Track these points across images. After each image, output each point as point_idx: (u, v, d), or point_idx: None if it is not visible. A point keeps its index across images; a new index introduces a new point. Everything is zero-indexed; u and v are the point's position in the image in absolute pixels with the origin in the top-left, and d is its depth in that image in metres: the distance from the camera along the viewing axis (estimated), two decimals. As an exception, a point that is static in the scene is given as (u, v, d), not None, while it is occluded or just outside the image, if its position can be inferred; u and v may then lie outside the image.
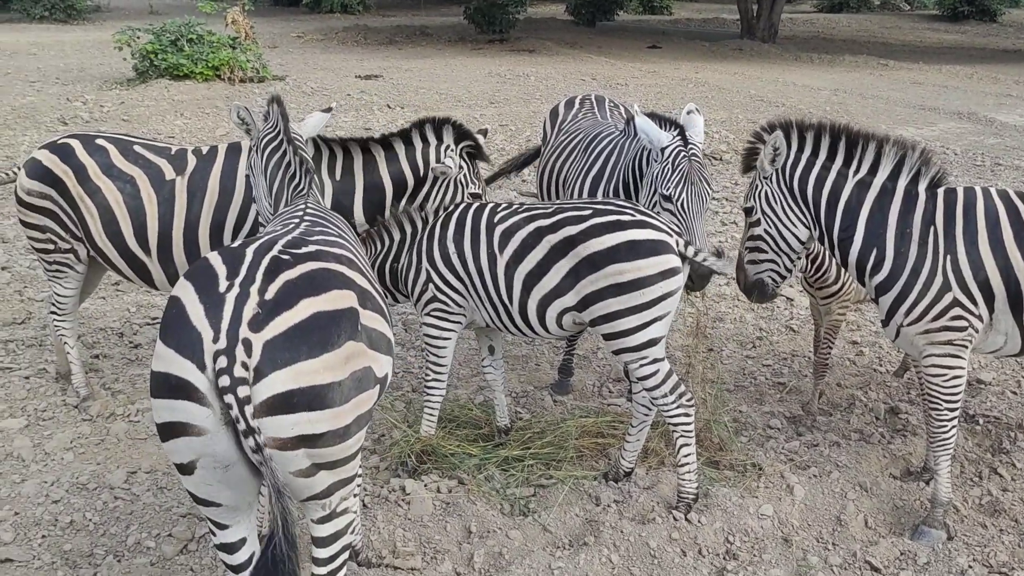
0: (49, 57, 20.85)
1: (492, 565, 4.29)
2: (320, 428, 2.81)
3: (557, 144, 6.14)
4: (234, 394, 2.67)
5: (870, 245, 4.42)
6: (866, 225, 4.44)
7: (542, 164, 6.30)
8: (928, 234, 4.32)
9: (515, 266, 4.53)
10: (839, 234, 4.53)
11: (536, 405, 5.89)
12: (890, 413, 5.76)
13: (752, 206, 4.77)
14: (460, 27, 30.20)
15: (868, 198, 4.45)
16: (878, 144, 4.48)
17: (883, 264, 4.38)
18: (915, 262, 4.31)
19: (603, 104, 6.57)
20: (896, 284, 4.35)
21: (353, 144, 5.32)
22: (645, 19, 38.47)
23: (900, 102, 17.42)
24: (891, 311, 4.41)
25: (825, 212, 4.55)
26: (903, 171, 4.45)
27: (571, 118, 6.38)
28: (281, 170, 4.41)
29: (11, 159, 11.29)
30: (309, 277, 2.95)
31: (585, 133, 5.88)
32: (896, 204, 4.41)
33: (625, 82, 19.19)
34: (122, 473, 4.99)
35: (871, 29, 34.42)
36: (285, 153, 4.41)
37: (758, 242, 4.81)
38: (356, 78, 18.96)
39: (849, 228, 4.48)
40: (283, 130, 4.45)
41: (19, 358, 6.39)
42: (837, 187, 4.52)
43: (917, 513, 4.71)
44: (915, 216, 4.36)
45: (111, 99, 15.26)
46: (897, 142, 4.50)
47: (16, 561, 4.28)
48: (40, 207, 5.42)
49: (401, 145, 5.28)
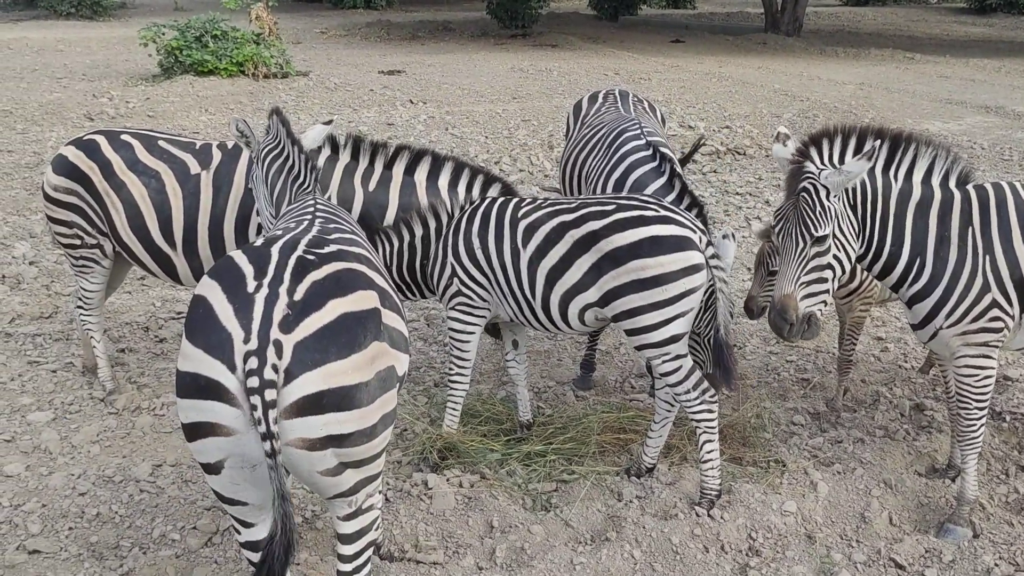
0: (76, 53, 21.03)
1: (514, 560, 4.29)
2: (348, 428, 2.83)
3: (580, 138, 6.11)
4: (261, 396, 2.67)
5: (915, 255, 4.22)
6: (911, 235, 4.21)
7: (564, 157, 6.28)
8: (967, 235, 4.20)
9: (538, 261, 4.53)
10: (890, 249, 4.23)
11: (558, 400, 5.89)
12: (915, 410, 5.71)
13: (827, 234, 4.11)
14: (483, 22, 30.17)
15: (911, 205, 4.21)
16: (915, 146, 4.20)
17: (924, 272, 4.23)
18: (955, 265, 4.19)
19: (627, 99, 6.54)
20: (936, 289, 4.21)
21: (399, 163, 5.31)
22: (668, 13, 38.29)
23: (926, 96, 17.25)
24: (929, 316, 4.27)
25: (879, 226, 4.21)
26: (934, 171, 4.24)
27: (594, 112, 6.36)
28: (283, 174, 4.45)
29: (38, 155, 11.41)
30: (335, 278, 2.97)
31: (608, 128, 5.85)
32: (935, 208, 4.21)
33: (648, 76, 19.12)
34: (147, 466, 5.03)
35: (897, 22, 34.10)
36: (288, 157, 4.45)
37: (826, 271, 4.18)
38: (379, 73, 18.99)
39: (898, 240, 4.22)
40: (286, 132, 4.50)
41: (46, 352, 6.46)
42: (886, 197, 4.19)
43: (942, 510, 4.68)
44: (953, 218, 4.21)
45: (136, 95, 15.37)
46: (927, 140, 4.26)
47: (44, 552, 4.33)
48: (67, 203, 5.48)
49: (446, 188, 5.24)
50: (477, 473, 4.94)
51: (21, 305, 7.19)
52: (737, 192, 10.62)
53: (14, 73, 17.62)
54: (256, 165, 4.62)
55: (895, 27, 32.60)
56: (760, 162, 12.05)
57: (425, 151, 5.33)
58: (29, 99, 14.75)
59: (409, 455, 5.13)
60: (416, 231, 4.95)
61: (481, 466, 4.97)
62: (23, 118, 13.53)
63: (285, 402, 2.74)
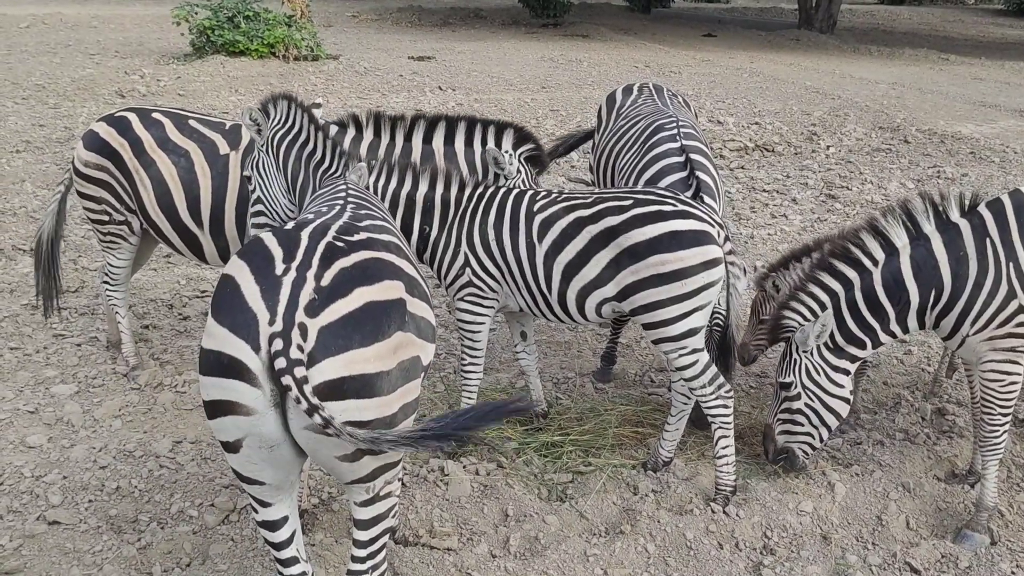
0: (109, 31, 21.18)
1: (528, 549, 4.30)
2: (367, 415, 2.83)
3: (616, 129, 6.04)
4: (292, 375, 2.67)
5: (927, 290, 4.31)
6: (917, 282, 4.32)
7: (598, 149, 6.24)
8: (985, 247, 4.24)
9: (554, 256, 4.51)
10: (895, 315, 4.41)
11: (576, 391, 5.89)
12: (937, 414, 5.67)
13: (791, 381, 4.61)
14: (514, 10, 30.12)
15: (903, 263, 4.34)
16: (878, 228, 4.41)
17: (943, 296, 4.30)
18: (977, 276, 4.23)
19: (662, 92, 6.47)
20: (958, 303, 4.26)
21: (416, 134, 5.41)
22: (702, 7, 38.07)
23: (960, 98, 17.06)
24: (956, 327, 4.32)
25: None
26: (920, 220, 4.35)
27: (630, 103, 6.28)
28: (303, 160, 4.47)
29: (69, 129, 11.51)
30: (363, 266, 2.97)
31: (645, 123, 5.78)
32: (936, 244, 4.30)
33: (678, 70, 19.02)
34: (168, 442, 5.08)
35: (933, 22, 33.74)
36: (307, 141, 4.47)
37: (797, 415, 4.67)
38: (409, 59, 19.00)
39: (902, 297, 4.36)
40: (308, 118, 4.52)
41: (72, 326, 6.53)
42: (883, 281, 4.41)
43: (960, 516, 4.64)
44: (964, 240, 4.27)
45: (168, 73, 15.47)
46: (889, 210, 4.46)
47: (63, 524, 4.38)
48: (97, 178, 5.52)
49: (462, 145, 5.36)
50: (494, 461, 4.95)
51: (48, 278, 7.26)
52: (764, 189, 10.55)
53: (48, 48, 17.77)
54: (265, 153, 4.64)
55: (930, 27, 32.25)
56: (788, 159, 11.97)
57: (439, 116, 5.45)
58: (62, 74, 14.88)
59: (427, 441, 5.14)
60: (421, 188, 4.79)
61: (497, 454, 4.99)
62: (55, 93, 13.66)
63: None
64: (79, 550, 4.22)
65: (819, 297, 4.53)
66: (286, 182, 4.66)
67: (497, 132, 5.33)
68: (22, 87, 13.85)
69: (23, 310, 6.67)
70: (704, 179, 5.12)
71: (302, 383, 2.68)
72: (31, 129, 11.53)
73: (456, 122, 5.40)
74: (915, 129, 13.53)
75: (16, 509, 4.47)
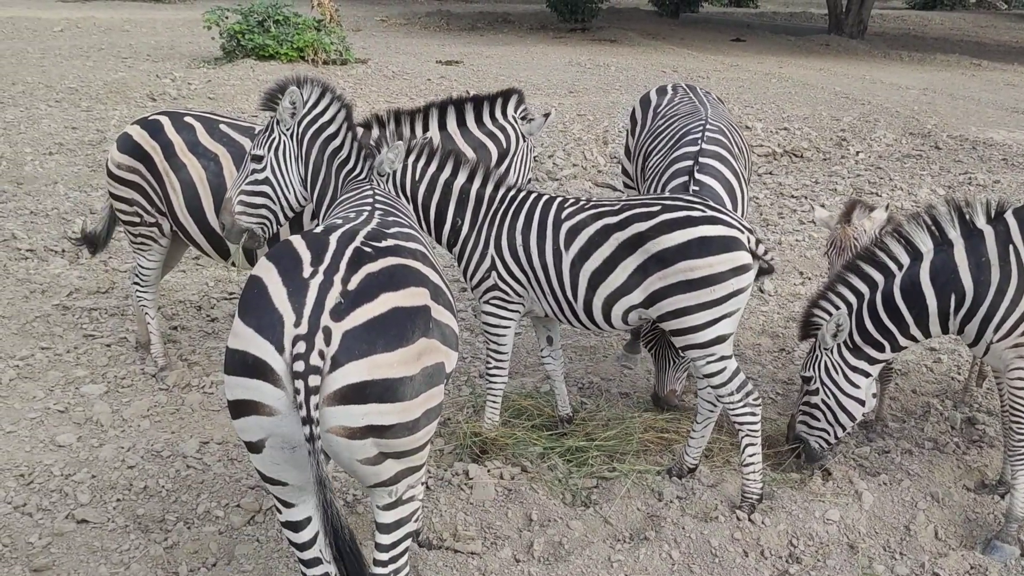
0: (141, 34, 21.40)
1: (551, 554, 4.30)
2: (389, 420, 2.85)
3: (653, 128, 6.01)
4: (304, 381, 2.70)
5: (946, 295, 4.33)
6: (934, 287, 4.35)
7: (635, 151, 6.22)
8: (1008, 253, 4.24)
9: (581, 263, 4.50)
10: (914, 319, 4.45)
11: (602, 396, 5.87)
12: (967, 423, 5.61)
13: (812, 376, 4.77)
14: (542, 15, 30.11)
15: (923, 268, 4.37)
16: (903, 234, 4.46)
17: (964, 302, 4.30)
18: (999, 283, 4.23)
19: (696, 91, 6.44)
20: (980, 308, 4.27)
21: (432, 122, 5.52)
22: (730, 12, 37.88)
23: (992, 104, 16.87)
24: (980, 333, 4.32)
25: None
26: (945, 226, 4.37)
27: (667, 103, 6.25)
28: (327, 155, 4.50)
29: (101, 132, 11.63)
30: (389, 272, 2.99)
31: (680, 123, 5.76)
32: (959, 251, 4.31)
33: (707, 75, 18.93)
34: (195, 443, 5.13)
35: (965, 28, 33.38)
36: (334, 137, 4.52)
37: (815, 410, 4.81)
38: (437, 63, 19.04)
39: (919, 301, 4.39)
40: (344, 116, 4.53)
41: (102, 326, 6.60)
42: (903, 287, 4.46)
43: (990, 527, 4.59)
44: (987, 246, 4.27)
45: (198, 77, 15.60)
46: (915, 215, 4.51)
47: (92, 522, 4.43)
48: (129, 181, 5.59)
49: (475, 127, 5.52)
50: (518, 465, 4.95)
51: (79, 279, 7.36)
52: (792, 195, 10.49)
53: (80, 51, 17.98)
54: (288, 137, 4.60)
55: (962, 32, 31.91)
56: (817, 165, 11.89)
57: (447, 101, 5.57)
58: (94, 77, 15.04)
59: (452, 443, 5.16)
60: (459, 178, 4.76)
61: (522, 459, 4.98)
62: (88, 96, 13.81)
63: (329, 389, 2.76)
64: (107, 548, 4.27)
65: (847, 298, 4.58)
66: (303, 173, 4.66)
67: (503, 106, 5.54)
68: (55, 90, 14.02)
69: (54, 310, 6.75)
70: (708, 183, 5.10)
71: (311, 392, 2.70)
72: (64, 131, 11.67)
73: (463, 104, 5.56)
74: (946, 135, 13.40)
75: (46, 507, 4.53)
